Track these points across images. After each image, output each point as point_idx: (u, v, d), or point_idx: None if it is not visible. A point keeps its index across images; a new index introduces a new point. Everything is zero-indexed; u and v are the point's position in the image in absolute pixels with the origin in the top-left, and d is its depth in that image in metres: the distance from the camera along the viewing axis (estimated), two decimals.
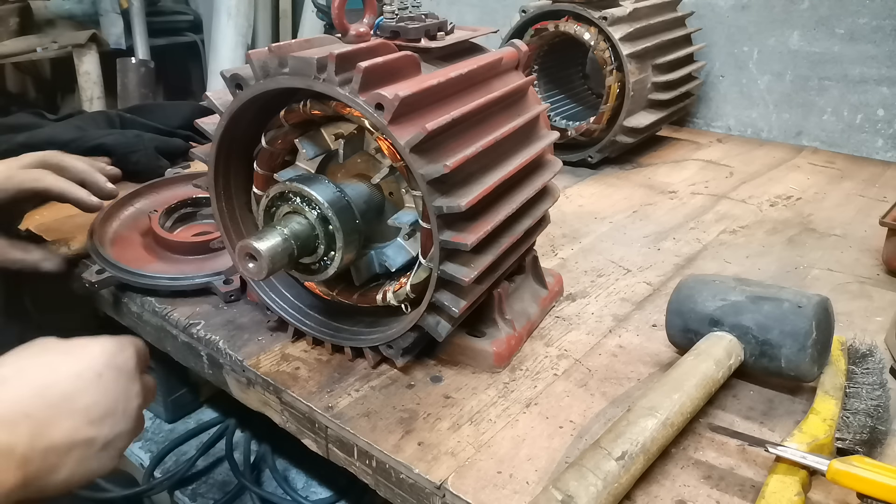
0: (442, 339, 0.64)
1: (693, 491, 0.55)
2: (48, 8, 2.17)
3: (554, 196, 0.76)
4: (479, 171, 0.62)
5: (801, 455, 0.53)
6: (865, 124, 1.39)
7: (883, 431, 0.58)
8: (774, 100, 1.50)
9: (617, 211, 1.13)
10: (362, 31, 0.65)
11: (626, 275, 0.92)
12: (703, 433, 0.61)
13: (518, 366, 0.72)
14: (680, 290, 0.70)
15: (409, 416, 0.64)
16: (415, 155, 0.56)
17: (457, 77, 0.62)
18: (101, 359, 0.60)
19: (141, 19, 2.14)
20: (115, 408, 0.60)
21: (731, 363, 0.63)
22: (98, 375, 0.59)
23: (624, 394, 0.67)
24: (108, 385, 0.60)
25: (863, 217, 1.09)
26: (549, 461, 0.58)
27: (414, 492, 0.58)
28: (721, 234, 1.04)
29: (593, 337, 0.77)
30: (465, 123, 0.61)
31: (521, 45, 0.75)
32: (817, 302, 0.63)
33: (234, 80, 0.62)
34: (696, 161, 1.38)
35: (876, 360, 0.63)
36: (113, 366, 0.61)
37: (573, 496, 0.49)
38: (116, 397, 0.60)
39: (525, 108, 0.72)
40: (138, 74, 2.07)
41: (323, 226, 0.62)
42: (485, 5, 1.86)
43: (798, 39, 1.43)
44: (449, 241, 0.58)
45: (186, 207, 1.02)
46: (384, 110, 0.55)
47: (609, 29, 1.20)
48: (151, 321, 0.84)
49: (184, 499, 1.08)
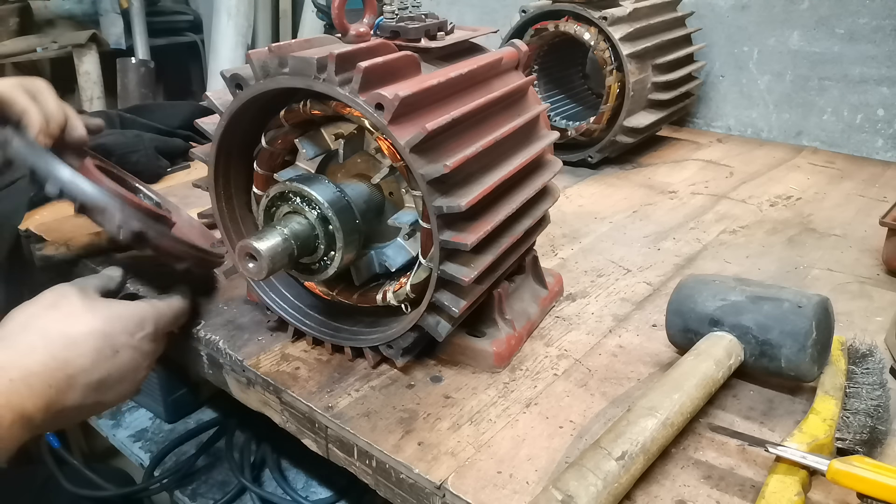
0: (442, 339, 0.64)
1: (693, 491, 0.55)
2: (48, 8, 2.17)
3: (554, 196, 0.76)
4: (479, 171, 0.62)
5: (801, 455, 0.53)
6: (865, 124, 1.39)
7: (883, 431, 0.58)
8: (774, 100, 1.50)
9: (617, 211, 1.13)
10: (362, 31, 0.65)
11: (626, 275, 0.92)
12: (704, 433, 0.61)
13: (518, 366, 0.72)
14: (680, 290, 0.70)
15: (409, 416, 0.64)
16: (415, 155, 0.56)
17: (457, 77, 0.62)
18: (121, 337, 0.65)
19: (141, 19, 2.14)
20: (124, 378, 0.65)
21: (731, 363, 0.63)
22: (115, 352, 0.64)
23: (624, 394, 0.67)
24: (123, 361, 0.65)
25: (863, 217, 1.09)
26: (549, 461, 0.58)
27: (414, 492, 0.58)
28: (721, 234, 1.04)
29: (593, 337, 0.77)
30: (465, 123, 0.61)
31: (521, 45, 0.75)
32: (817, 302, 0.63)
33: (234, 80, 0.62)
34: (696, 161, 1.38)
35: (876, 360, 0.63)
36: (130, 345, 0.65)
37: (573, 496, 0.49)
38: (127, 371, 0.65)
39: (525, 108, 0.72)
40: (138, 74, 2.07)
41: (323, 226, 0.62)
42: (485, 5, 1.86)
43: (798, 39, 1.43)
44: (449, 241, 0.58)
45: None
46: (384, 110, 0.55)
47: (609, 29, 1.20)
48: None
49: (184, 499, 1.08)
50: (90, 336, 0.63)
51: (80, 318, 0.64)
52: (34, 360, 0.59)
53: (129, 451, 1.21)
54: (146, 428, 1.24)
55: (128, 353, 0.65)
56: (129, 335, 0.65)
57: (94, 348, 0.62)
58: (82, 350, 0.62)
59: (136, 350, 0.66)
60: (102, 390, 0.63)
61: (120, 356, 0.64)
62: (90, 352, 0.62)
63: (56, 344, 0.61)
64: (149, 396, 1.24)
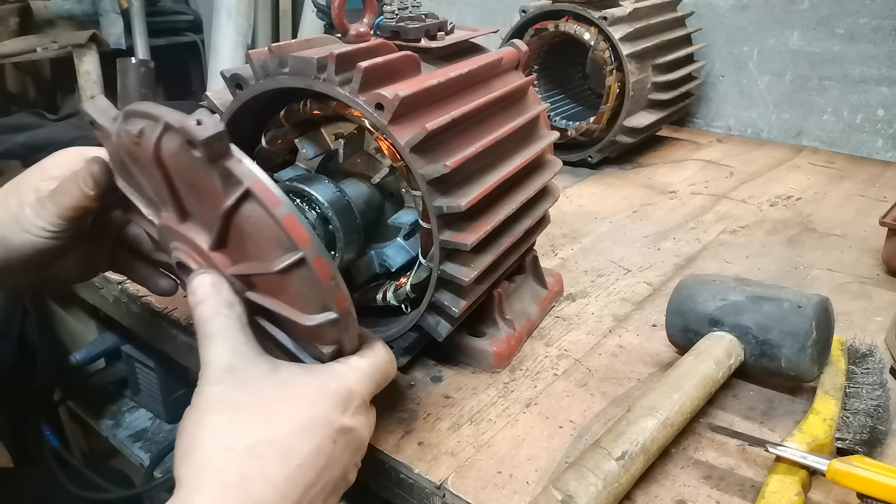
0: (442, 339, 0.64)
1: (693, 491, 0.55)
2: (48, 8, 2.17)
3: (554, 196, 0.76)
4: (479, 171, 0.62)
5: (801, 455, 0.53)
6: (865, 124, 1.39)
7: (883, 431, 0.58)
8: (774, 100, 1.50)
9: (617, 211, 1.13)
10: (362, 31, 0.65)
11: (626, 275, 0.92)
12: (703, 433, 0.61)
13: (518, 366, 0.72)
14: (680, 290, 0.70)
15: (409, 416, 0.64)
16: (415, 155, 0.56)
17: (457, 77, 0.62)
18: (337, 419, 0.47)
19: (141, 19, 2.14)
20: (346, 471, 0.49)
21: (731, 363, 0.63)
22: (334, 442, 0.47)
23: (624, 394, 0.67)
24: (342, 450, 0.47)
25: (863, 217, 1.09)
26: (549, 461, 0.58)
27: (414, 492, 0.58)
28: (721, 234, 1.04)
29: (593, 337, 0.77)
30: (465, 123, 0.61)
31: (521, 45, 0.74)
32: (817, 302, 0.63)
33: (234, 79, 0.62)
34: (696, 161, 1.38)
35: (876, 360, 0.63)
36: (346, 428, 0.48)
37: (573, 496, 0.49)
38: (349, 460, 0.49)
39: (525, 108, 0.72)
40: (138, 74, 2.06)
41: (323, 226, 0.62)
42: (485, 5, 1.86)
43: (798, 39, 1.43)
44: (449, 241, 0.58)
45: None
46: (384, 110, 0.55)
47: (609, 29, 1.20)
48: (152, 320, 0.84)
49: None
50: (304, 433, 0.45)
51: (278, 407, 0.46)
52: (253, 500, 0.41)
53: (129, 451, 1.21)
54: (146, 428, 1.24)
55: (345, 438, 0.47)
56: (341, 415, 0.47)
57: (314, 448, 0.45)
58: (301, 458, 0.44)
59: (352, 432, 0.48)
60: (330, 496, 0.46)
61: (339, 445, 0.47)
62: (309, 455, 0.44)
63: (270, 462, 0.43)
64: (149, 396, 1.24)
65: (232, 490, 0.41)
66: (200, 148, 0.42)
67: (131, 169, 0.52)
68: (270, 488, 0.42)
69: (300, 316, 0.48)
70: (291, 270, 0.46)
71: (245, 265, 0.49)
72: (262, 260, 0.47)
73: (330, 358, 0.51)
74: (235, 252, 0.49)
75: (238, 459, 0.42)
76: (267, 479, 0.42)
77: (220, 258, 0.50)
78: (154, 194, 0.51)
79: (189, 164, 0.45)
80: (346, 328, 0.49)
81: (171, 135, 0.45)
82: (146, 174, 0.50)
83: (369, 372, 0.51)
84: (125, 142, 0.49)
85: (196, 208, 0.49)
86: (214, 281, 0.49)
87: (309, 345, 0.52)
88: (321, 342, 0.51)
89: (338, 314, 0.48)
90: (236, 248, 0.48)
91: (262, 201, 0.44)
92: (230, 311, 0.48)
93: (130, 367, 1.24)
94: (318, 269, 0.45)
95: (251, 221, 0.45)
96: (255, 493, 0.41)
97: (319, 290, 0.46)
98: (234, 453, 0.42)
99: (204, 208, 0.48)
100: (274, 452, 0.43)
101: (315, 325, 0.48)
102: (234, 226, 0.46)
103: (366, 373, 0.51)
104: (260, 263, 0.47)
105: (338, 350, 0.51)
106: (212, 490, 0.41)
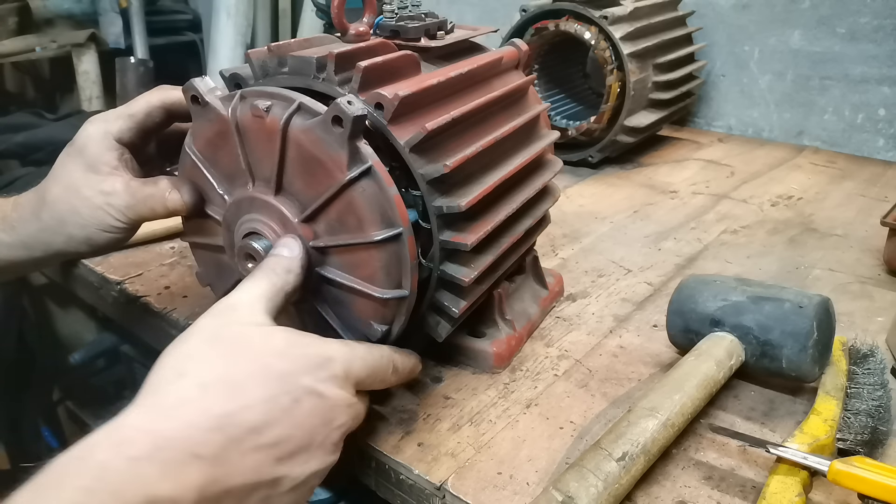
0: (442, 339, 0.64)
1: (694, 492, 0.55)
2: (47, 7, 2.16)
3: (554, 196, 0.76)
4: (479, 171, 0.62)
5: (802, 456, 0.52)
6: (867, 124, 1.39)
7: (884, 432, 0.58)
8: (775, 99, 1.49)
9: (617, 211, 1.13)
10: (362, 30, 0.65)
11: (627, 275, 0.91)
12: (704, 434, 0.61)
13: (518, 366, 0.72)
14: (681, 290, 0.70)
15: (409, 416, 0.64)
16: (415, 155, 0.55)
17: (457, 76, 0.62)
18: (304, 378, 0.47)
19: (140, 18, 2.14)
20: (310, 441, 0.47)
21: (732, 363, 0.63)
22: (295, 401, 0.46)
23: (624, 394, 0.67)
24: (305, 414, 0.46)
25: (864, 217, 1.08)
26: (549, 462, 0.58)
27: (414, 493, 0.58)
28: (722, 234, 1.03)
29: (594, 337, 0.77)
30: (465, 123, 0.61)
31: (522, 44, 0.74)
32: (818, 302, 0.62)
33: (233, 79, 0.62)
34: (696, 161, 1.38)
35: (877, 360, 0.63)
36: (315, 391, 0.47)
37: (574, 497, 0.49)
38: (313, 429, 0.47)
39: (525, 107, 0.72)
40: (137, 74, 2.06)
41: None
42: (485, 4, 1.86)
43: (799, 39, 1.43)
44: (449, 241, 0.58)
45: None
46: (384, 110, 0.55)
47: (609, 28, 1.20)
48: (150, 320, 0.83)
49: None
50: (260, 376, 0.45)
51: (248, 348, 0.47)
52: (180, 422, 0.42)
53: None
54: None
55: (312, 400, 0.47)
56: (314, 375, 0.47)
57: (266, 397, 0.45)
58: (250, 399, 0.44)
59: (322, 397, 0.47)
60: (281, 459, 0.45)
61: (303, 406, 0.46)
62: (260, 402, 0.44)
63: (214, 394, 0.43)
64: None
65: (168, 412, 0.42)
66: (348, 125, 0.49)
67: (228, 143, 0.57)
68: (206, 416, 0.42)
69: (374, 289, 0.54)
70: (385, 244, 0.53)
71: (335, 237, 0.55)
72: (360, 232, 0.53)
73: (381, 337, 0.57)
74: (327, 225, 0.55)
75: (187, 387, 0.44)
76: (205, 408, 0.43)
77: (307, 230, 0.55)
78: (247, 168, 0.56)
79: (319, 139, 0.51)
80: (408, 308, 0.57)
81: (303, 113, 0.52)
82: (255, 147, 0.55)
83: (362, 353, 0.52)
84: (242, 117, 0.54)
85: (295, 182, 0.55)
86: (299, 245, 0.55)
87: (363, 323, 0.57)
88: (380, 319, 0.56)
89: (408, 292, 0.55)
90: (332, 220, 0.54)
91: (379, 179, 0.52)
92: (287, 276, 0.53)
93: (129, 368, 1.24)
94: (409, 246, 0.53)
95: (365, 195, 0.52)
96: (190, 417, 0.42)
97: (401, 266, 0.54)
98: (187, 380, 0.44)
99: (307, 182, 0.54)
100: (221, 387, 0.44)
101: (387, 298, 0.54)
102: (343, 198, 0.52)
103: (358, 353, 0.52)
104: (356, 235, 0.53)
105: (388, 332, 0.57)
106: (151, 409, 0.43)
